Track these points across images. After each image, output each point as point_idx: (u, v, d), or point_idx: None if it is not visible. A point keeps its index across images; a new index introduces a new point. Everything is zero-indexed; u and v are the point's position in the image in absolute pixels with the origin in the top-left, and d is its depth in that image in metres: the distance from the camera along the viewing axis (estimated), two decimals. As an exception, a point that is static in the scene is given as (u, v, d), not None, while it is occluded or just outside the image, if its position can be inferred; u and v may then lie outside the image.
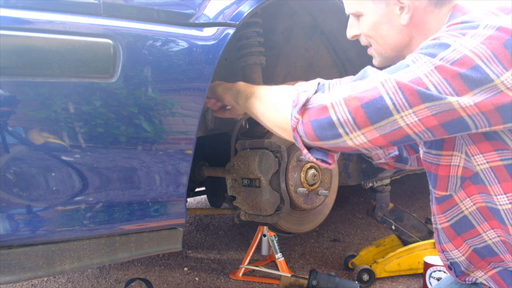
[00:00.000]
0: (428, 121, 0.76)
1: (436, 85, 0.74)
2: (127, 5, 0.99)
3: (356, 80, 0.83)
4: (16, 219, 0.90)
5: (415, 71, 0.77)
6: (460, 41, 0.76)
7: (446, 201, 0.97)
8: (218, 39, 1.09)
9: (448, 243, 1.02)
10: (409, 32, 0.94)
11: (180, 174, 1.09)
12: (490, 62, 0.73)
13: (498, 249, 0.93)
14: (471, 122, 0.76)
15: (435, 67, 0.75)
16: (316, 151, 0.90)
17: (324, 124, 0.82)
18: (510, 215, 0.86)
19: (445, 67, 0.75)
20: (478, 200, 0.92)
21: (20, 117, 0.86)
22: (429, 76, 0.75)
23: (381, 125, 0.78)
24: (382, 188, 1.98)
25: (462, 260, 1.00)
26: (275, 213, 1.43)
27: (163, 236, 1.13)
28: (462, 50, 0.75)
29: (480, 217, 0.93)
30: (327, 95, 0.83)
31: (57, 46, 0.87)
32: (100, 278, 2.04)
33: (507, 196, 0.85)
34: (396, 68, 0.80)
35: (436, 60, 0.76)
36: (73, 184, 0.95)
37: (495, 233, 0.92)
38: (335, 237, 2.57)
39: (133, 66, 0.96)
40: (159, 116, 1.02)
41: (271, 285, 1.91)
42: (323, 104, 0.82)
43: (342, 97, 0.80)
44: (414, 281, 1.91)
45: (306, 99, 0.84)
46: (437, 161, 0.96)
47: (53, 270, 0.96)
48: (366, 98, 0.78)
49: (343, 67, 1.89)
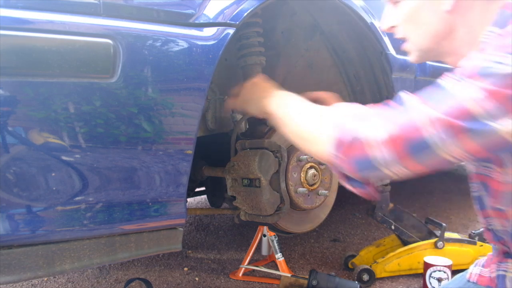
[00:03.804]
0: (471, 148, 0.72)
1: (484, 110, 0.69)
2: (127, 5, 0.99)
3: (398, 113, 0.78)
4: (16, 219, 0.90)
5: (455, 94, 0.72)
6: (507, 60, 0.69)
7: (500, 212, 0.91)
8: (218, 39, 1.09)
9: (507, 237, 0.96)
10: (451, 20, 0.87)
11: (180, 174, 1.09)
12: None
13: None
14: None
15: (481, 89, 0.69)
16: (354, 181, 0.88)
17: (366, 163, 0.79)
18: None
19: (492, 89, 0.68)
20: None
21: (20, 117, 0.86)
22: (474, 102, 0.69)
23: (422, 158, 0.75)
24: (382, 188, 1.98)
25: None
26: (275, 213, 1.43)
27: (163, 236, 1.13)
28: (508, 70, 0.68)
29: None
30: (369, 130, 0.79)
31: (57, 46, 0.87)
32: (100, 278, 2.04)
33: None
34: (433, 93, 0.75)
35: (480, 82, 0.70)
36: (73, 184, 0.95)
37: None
38: (335, 237, 2.57)
39: (133, 66, 0.96)
40: (159, 116, 1.02)
41: (271, 285, 1.91)
42: (366, 142, 0.78)
43: (385, 136, 0.76)
44: (414, 281, 1.91)
45: (351, 138, 0.80)
46: (489, 172, 0.89)
47: (53, 270, 0.96)
48: (410, 139, 0.74)
49: (343, 67, 1.89)
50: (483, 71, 0.71)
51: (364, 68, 1.82)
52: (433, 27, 0.89)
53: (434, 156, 0.74)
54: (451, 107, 0.71)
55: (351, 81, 1.91)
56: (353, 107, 0.87)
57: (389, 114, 0.79)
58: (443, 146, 0.73)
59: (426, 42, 0.91)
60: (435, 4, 0.87)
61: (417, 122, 0.74)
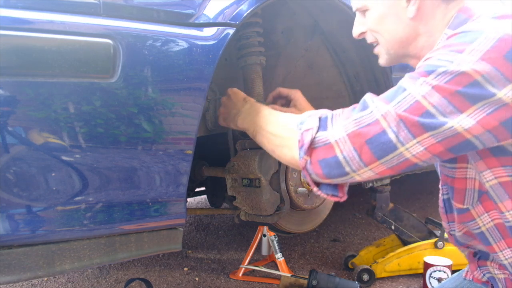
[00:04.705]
0: (434, 148, 0.75)
1: (436, 106, 0.73)
2: (127, 5, 0.99)
3: (357, 112, 0.82)
4: (16, 219, 0.90)
5: (413, 94, 0.75)
6: (458, 59, 0.73)
7: (464, 214, 0.94)
8: (218, 39, 1.09)
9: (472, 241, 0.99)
10: (415, 26, 0.92)
11: (180, 174, 1.09)
12: (492, 77, 0.71)
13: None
14: (478, 142, 0.75)
15: (432, 87, 0.74)
16: (325, 186, 0.91)
17: (331, 163, 0.82)
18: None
19: (442, 86, 0.73)
20: (496, 216, 0.88)
21: (20, 117, 0.86)
22: (428, 98, 0.74)
23: (388, 159, 0.78)
24: (382, 188, 1.98)
25: None
26: (275, 213, 1.43)
27: (163, 236, 1.13)
28: (459, 68, 0.72)
29: (497, 235, 0.90)
30: (331, 132, 0.83)
31: (57, 46, 0.87)
32: (100, 278, 2.04)
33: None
34: (394, 93, 0.79)
35: (432, 79, 0.74)
36: (73, 184, 0.95)
37: (511, 252, 0.88)
38: (335, 237, 2.57)
39: (133, 66, 0.96)
40: (159, 116, 1.02)
41: (271, 285, 1.91)
42: (329, 143, 0.82)
43: (346, 134, 0.80)
44: (414, 281, 1.91)
45: (311, 138, 0.84)
46: (453, 173, 0.93)
47: (53, 270, 0.96)
48: (369, 134, 0.78)
49: (343, 67, 1.88)
50: (431, 68, 0.75)
51: (364, 68, 1.82)
52: (399, 33, 0.94)
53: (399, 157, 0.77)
54: (407, 104, 0.75)
55: (351, 81, 1.91)
56: (318, 111, 0.90)
57: (350, 114, 0.83)
58: (406, 143, 0.76)
59: (393, 47, 0.96)
60: (399, 12, 0.92)
61: (375, 118, 0.78)
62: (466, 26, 0.81)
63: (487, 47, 0.72)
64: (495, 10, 0.83)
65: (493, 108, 0.72)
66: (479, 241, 0.95)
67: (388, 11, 0.93)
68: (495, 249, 0.91)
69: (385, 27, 0.95)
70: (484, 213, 0.90)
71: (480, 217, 0.91)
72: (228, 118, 1.24)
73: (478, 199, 0.89)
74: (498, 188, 0.84)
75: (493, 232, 0.90)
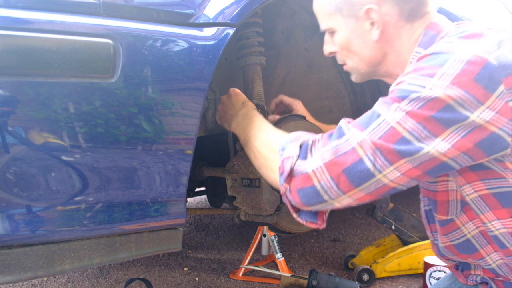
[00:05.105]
0: (411, 173, 0.76)
1: (411, 131, 0.74)
2: (127, 5, 0.99)
3: (334, 140, 0.82)
4: (16, 219, 0.90)
5: (387, 120, 0.76)
6: (429, 84, 0.74)
7: (448, 225, 0.95)
8: (218, 39, 1.09)
9: (452, 256, 1.00)
10: (381, 48, 0.93)
11: (180, 174, 1.09)
12: (464, 100, 0.71)
13: (503, 271, 0.91)
14: (454, 164, 0.76)
15: (406, 113, 0.74)
16: (305, 213, 0.91)
17: (309, 193, 0.83)
18: (508, 237, 0.84)
19: (416, 112, 0.73)
20: (479, 224, 0.89)
21: (20, 117, 0.86)
22: (402, 124, 0.74)
23: (365, 186, 0.78)
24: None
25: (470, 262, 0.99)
26: (275, 213, 1.43)
27: (163, 236, 1.13)
28: (431, 93, 0.73)
29: (483, 240, 0.91)
30: (309, 161, 0.83)
31: (57, 46, 0.87)
32: (100, 278, 2.04)
33: (500, 222, 0.84)
34: (368, 119, 0.79)
35: (405, 105, 0.75)
36: (73, 184, 0.95)
37: (498, 255, 0.90)
38: (335, 237, 2.57)
39: (133, 66, 0.96)
40: (159, 116, 1.02)
41: (271, 285, 1.91)
42: (306, 173, 0.82)
43: (323, 163, 0.80)
44: (414, 281, 1.91)
45: (290, 166, 0.84)
46: (434, 188, 0.94)
47: (53, 270, 0.96)
48: (346, 163, 0.78)
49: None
50: (404, 94, 0.75)
51: (364, 68, 1.82)
52: (366, 55, 0.95)
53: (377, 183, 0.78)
54: (382, 131, 0.76)
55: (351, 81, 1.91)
56: (300, 136, 0.90)
57: (327, 141, 0.83)
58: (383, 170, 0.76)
59: (362, 67, 0.98)
60: (364, 35, 0.92)
61: (351, 146, 0.78)
62: (435, 46, 0.81)
63: (457, 71, 0.73)
64: (462, 28, 0.83)
65: (467, 131, 0.73)
66: (461, 254, 0.96)
67: (353, 34, 0.94)
68: (482, 254, 0.92)
69: (352, 50, 0.96)
70: (468, 222, 0.91)
71: (465, 225, 0.92)
72: (223, 117, 1.25)
73: (461, 209, 0.90)
74: (479, 201, 0.85)
75: (479, 238, 0.91)
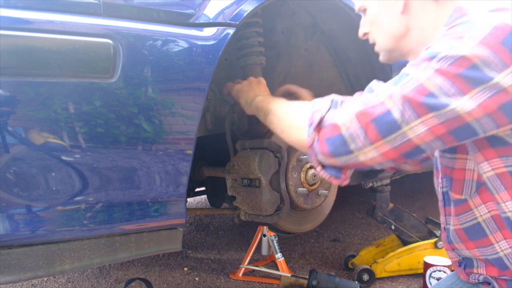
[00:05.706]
0: (437, 129, 0.78)
1: (440, 88, 0.76)
2: (127, 5, 0.99)
3: (364, 95, 0.86)
4: (16, 219, 0.90)
5: (416, 77, 0.79)
6: (458, 44, 0.77)
7: (461, 205, 0.95)
8: (218, 39, 1.09)
9: (459, 243, 1.00)
10: (406, 21, 0.97)
11: (180, 174, 1.09)
12: (490, 61, 0.74)
13: (510, 261, 0.90)
14: (478, 126, 0.77)
15: (435, 70, 0.77)
16: (329, 168, 0.94)
17: (336, 141, 0.86)
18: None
19: (444, 69, 0.76)
20: (493, 208, 0.89)
21: (20, 117, 0.86)
22: (431, 80, 0.77)
23: (392, 138, 0.81)
24: (382, 188, 1.98)
25: (473, 258, 0.98)
26: (275, 213, 1.43)
27: (163, 236, 1.13)
28: (459, 52, 0.76)
29: (493, 226, 0.90)
30: (339, 112, 0.87)
31: (57, 46, 0.87)
32: (100, 278, 2.04)
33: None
34: (398, 79, 0.82)
35: (434, 63, 0.78)
36: (73, 184, 0.95)
37: (507, 244, 0.89)
38: (335, 237, 2.57)
39: (133, 66, 0.96)
40: (159, 116, 1.02)
41: (271, 285, 1.91)
42: (335, 122, 0.86)
43: (353, 113, 0.84)
44: (414, 281, 1.91)
45: (320, 117, 0.88)
46: (452, 164, 0.94)
47: (53, 270, 0.96)
48: (375, 113, 0.81)
49: (343, 67, 1.88)
50: (433, 54, 0.79)
51: (364, 68, 1.82)
52: (391, 28, 0.99)
53: (403, 136, 0.80)
54: (410, 86, 0.79)
55: (351, 81, 1.91)
56: (330, 96, 0.95)
57: (357, 97, 0.88)
58: (410, 122, 0.79)
59: (388, 43, 1.02)
60: (391, 7, 0.98)
61: (381, 99, 0.82)
62: (463, 18, 0.86)
63: (484, 34, 0.76)
64: (490, 7, 0.86)
65: (492, 92, 0.74)
66: (469, 241, 0.96)
67: (381, 8, 1.00)
68: (491, 240, 0.92)
69: (379, 24, 1.01)
70: (481, 204, 0.91)
71: (477, 208, 0.92)
72: (242, 96, 1.31)
73: (476, 190, 0.91)
74: (495, 180, 0.86)
75: (490, 223, 0.91)
